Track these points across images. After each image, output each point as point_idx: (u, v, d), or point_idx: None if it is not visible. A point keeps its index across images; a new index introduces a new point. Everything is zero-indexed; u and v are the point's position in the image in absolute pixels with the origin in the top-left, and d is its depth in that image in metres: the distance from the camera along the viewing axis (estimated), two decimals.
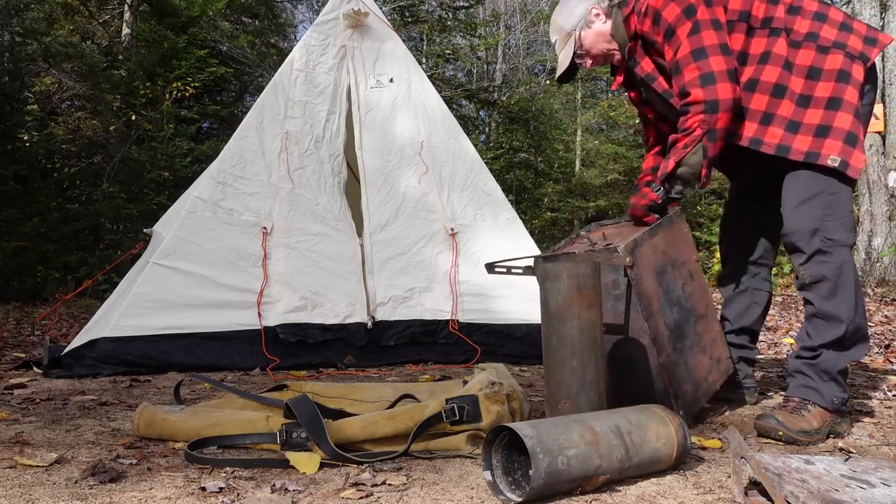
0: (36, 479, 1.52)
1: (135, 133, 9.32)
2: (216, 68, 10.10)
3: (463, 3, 15.34)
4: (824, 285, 1.98)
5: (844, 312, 1.96)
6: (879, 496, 1.32)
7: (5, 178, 7.33)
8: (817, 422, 1.92)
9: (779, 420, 1.91)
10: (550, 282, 1.82)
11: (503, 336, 3.52)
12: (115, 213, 8.42)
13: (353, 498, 1.41)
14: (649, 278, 2.01)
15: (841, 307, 1.96)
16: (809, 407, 1.94)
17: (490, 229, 3.77)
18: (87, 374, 2.94)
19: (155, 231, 3.84)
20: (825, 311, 1.98)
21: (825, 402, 1.94)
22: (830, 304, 1.97)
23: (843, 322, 1.95)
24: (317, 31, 3.88)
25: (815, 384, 1.97)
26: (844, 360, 1.98)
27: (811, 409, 1.94)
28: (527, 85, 19.48)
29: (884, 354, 3.72)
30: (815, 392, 1.96)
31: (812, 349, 1.99)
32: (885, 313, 5.64)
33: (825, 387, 1.96)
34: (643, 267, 2.00)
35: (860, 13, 8.74)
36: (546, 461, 1.35)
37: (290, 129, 3.65)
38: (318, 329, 3.31)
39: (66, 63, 9.54)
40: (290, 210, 3.52)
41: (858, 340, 1.99)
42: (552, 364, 1.82)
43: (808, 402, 1.96)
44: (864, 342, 2.01)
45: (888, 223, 8.20)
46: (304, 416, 1.71)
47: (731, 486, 1.48)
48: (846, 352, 1.98)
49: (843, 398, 1.97)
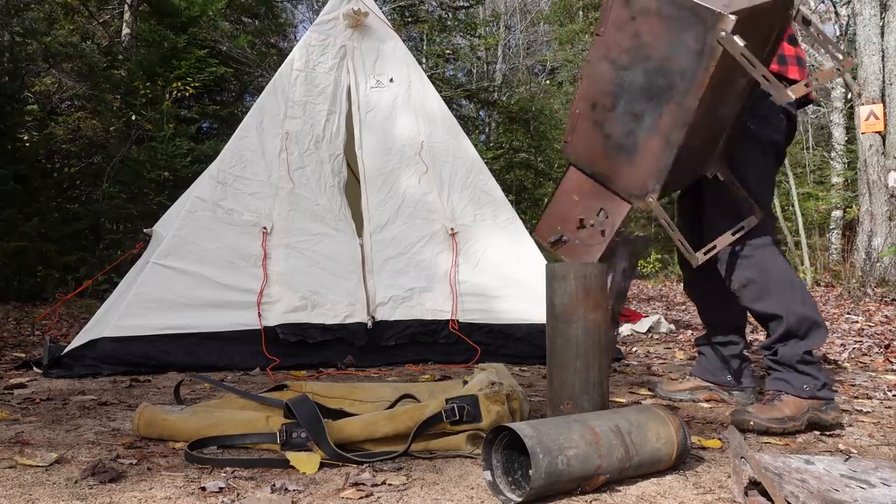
0: (36, 479, 1.52)
1: (135, 133, 9.32)
2: (216, 68, 10.10)
3: (463, 3, 15.34)
4: (752, 288, 2.08)
5: (780, 309, 2.05)
6: (879, 496, 1.32)
7: (5, 178, 7.32)
8: (790, 409, 2.01)
9: (750, 412, 2.02)
10: (557, 282, 1.82)
11: (503, 336, 3.51)
12: (115, 213, 8.42)
13: (353, 498, 1.41)
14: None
15: (774, 305, 2.06)
16: (782, 396, 2.05)
17: (490, 229, 3.77)
18: (87, 374, 2.94)
19: (155, 231, 3.84)
20: (760, 313, 2.10)
21: (795, 391, 2.04)
22: (763, 305, 2.08)
23: (781, 318, 2.05)
24: (317, 31, 3.88)
25: (784, 375, 2.08)
26: (801, 349, 2.05)
27: (783, 399, 2.04)
28: (527, 85, 19.49)
29: (884, 354, 3.72)
30: (785, 383, 2.07)
31: (769, 347, 2.11)
32: (885, 313, 5.64)
33: (793, 377, 2.06)
34: None
35: (860, 13, 8.74)
36: (546, 461, 1.35)
37: (290, 129, 3.65)
38: (318, 329, 3.31)
39: (66, 63, 9.54)
40: (290, 210, 3.52)
41: (810, 328, 2.06)
42: (556, 365, 1.82)
43: (780, 392, 2.07)
44: (817, 328, 2.07)
45: (888, 223, 8.20)
46: (304, 416, 1.71)
47: (731, 486, 1.48)
48: (801, 342, 2.06)
49: (815, 384, 2.04)
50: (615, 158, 1.90)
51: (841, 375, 3.09)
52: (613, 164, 1.92)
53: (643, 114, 1.82)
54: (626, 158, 1.88)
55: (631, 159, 1.87)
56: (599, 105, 1.88)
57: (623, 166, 1.90)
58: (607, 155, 1.91)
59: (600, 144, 1.92)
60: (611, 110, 1.87)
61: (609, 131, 1.89)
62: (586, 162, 1.98)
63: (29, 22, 8.76)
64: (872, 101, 8.38)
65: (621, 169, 1.90)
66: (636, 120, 1.83)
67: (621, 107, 1.85)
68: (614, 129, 1.88)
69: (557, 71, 20.78)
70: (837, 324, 5.15)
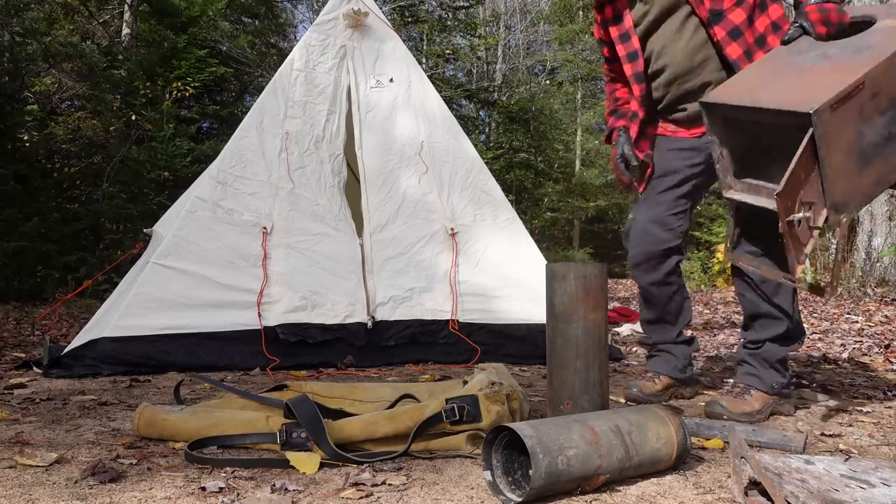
0: (36, 479, 1.52)
1: (135, 133, 9.31)
2: (216, 68, 10.09)
3: (463, 3, 15.35)
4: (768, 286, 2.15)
5: (789, 309, 2.17)
6: (879, 496, 1.32)
7: (5, 178, 7.32)
8: (759, 404, 2.16)
9: (723, 405, 2.14)
10: (557, 282, 1.82)
11: (503, 336, 3.51)
12: (115, 213, 8.41)
13: (353, 498, 1.41)
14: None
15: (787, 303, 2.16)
16: (752, 391, 2.19)
17: (490, 229, 3.77)
18: (87, 374, 2.94)
19: (155, 231, 3.84)
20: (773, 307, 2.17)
21: (765, 387, 2.19)
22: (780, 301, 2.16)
23: (786, 318, 2.16)
24: (317, 31, 3.88)
25: (757, 371, 2.20)
26: (784, 350, 2.20)
27: (753, 394, 2.18)
28: (527, 85, 19.50)
29: (884, 354, 3.72)
30: (756, 378, 2.20)
31: (757, 341, 2.20)
32: (885, 313, 5.64)
33: (766, 373, 2.19)
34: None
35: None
36: (546, 461, 1.35)
37: (290, 129, 3.65)
38: (318, 329, 3.31)
39: (66, 63, 9.53)
40: (290, 210, 3.52)
41: (799, 335, 2.22)
42: (556, 365, 1.82)
43: (750, 387, 2.20)
44: (801, 336, 2.24)
45: (888, 223, 8.20)
46: (304, 416, 1.71)
47: (731, 486, 1.48)
48: (790, 344, 2.20)
49: (782, 383, 2.20)
50: (848, 159, 1.69)
51: (841, 375, 3.09)
52: (840, 163, 1.68)
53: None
54: (857, 164, 1.68)
55: (861, 169, 1.69)
56: (880, 98, 1.68)
57: (848, 171, 1.69)
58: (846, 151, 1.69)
59: (849, 137, 1.69)
60: (881, 112, 1.70)
61: (864, 129, 1.70)
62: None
63: (29, 22, 8.76)
64: None
65: (847, 173, 1.69)
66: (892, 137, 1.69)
67: (890, 114, 1.69)
68: (869, 131, 1.70)
69: (557, 71, 20.79)
70: (837, 324, 5.15)
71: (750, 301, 2.21)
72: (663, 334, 2.49)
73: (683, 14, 2.20)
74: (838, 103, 1.63)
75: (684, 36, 2.21)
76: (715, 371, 3.26)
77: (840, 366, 3.39)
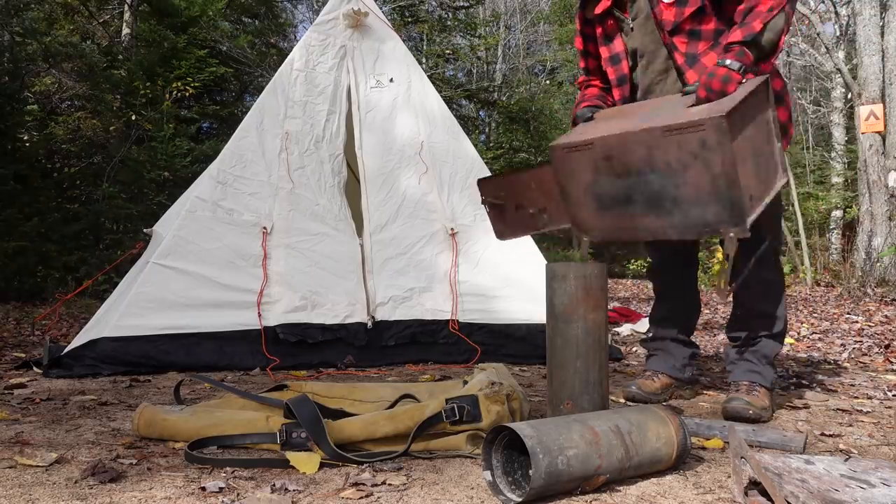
0: (36, 479, 1.52)
1: (135, 133, 9.31)
2: (216, 68, 10.10)
3: (463, 3, 15.34)
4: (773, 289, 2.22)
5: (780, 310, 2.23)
6: (879, 496, 1.32)
7: (5, 178, 7.32)
8: (767, 399, 2.18)
9: (746, 401, 2.11)
10: (557, 282, 1.82)
11: (503, 336, 3.51)
12: (115, 213, 8.41)
13: (353, 498, 1.41)
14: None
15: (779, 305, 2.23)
16: (758, 388, 2.19)
17: (490, 229, 3.76)
18: (87, 374, 2.94)
19: (155, 231, 3.84)
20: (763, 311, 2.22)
21: (767, 383, 2.21)
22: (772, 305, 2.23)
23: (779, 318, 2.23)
24: (317, 31, 3.88)
25: (759, 368, 2.22)
26: (779, 347, 2.26)
27: (759, 390, 2.18)
28: (527, 85, 19.48)
29: (884, 354, 3.72)
30: (759, 375, 2.22)
31: (753, 339, 2.24)
32: (885, 313, 5.64)
33: (766, 370, 2.23)
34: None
35: (860, 13, 8.74)
36: (546, 461, 1.35)
37: (290, 128, 3.65)
38: (318, 329, 3.31)
39: (66, 63, 9.53)
40: (290, 210, 3.52)
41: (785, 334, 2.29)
42: (556, 365, 1.82)
43: (755, 384, 2.20)
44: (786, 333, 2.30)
45: (888, 223, 8.21)
46: (304, 416, 1.71)
47: (731, 486, 1.48)
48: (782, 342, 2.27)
49: (774, 378, 2.26)
50: (585, 196, 2.05)
51: (841, 375, 3.09)
52: (576, 196, 2.05)
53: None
54: (595, 204, 2.05)
55: (600, 211, 2.03)
56: (613, 162, 1.93)
57: (584, 205, 2.06)
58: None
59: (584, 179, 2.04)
60: (617, 174, 1.95)
61: (600, 180, 1.99)
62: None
63: (29, 22, 8.76)
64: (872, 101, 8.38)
65: (582, 206, 2.05)
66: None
67: (630, 182, 1.94)
68: (607, 184, 1.97)
69: (557, 71, 20.79)
70: (837, 324, 5.15)
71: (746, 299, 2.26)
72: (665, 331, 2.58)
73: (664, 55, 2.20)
74: (568, 149, 2.00)
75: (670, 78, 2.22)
76: (715, 371, 3.26)
77: (840, 366, 3.39)
